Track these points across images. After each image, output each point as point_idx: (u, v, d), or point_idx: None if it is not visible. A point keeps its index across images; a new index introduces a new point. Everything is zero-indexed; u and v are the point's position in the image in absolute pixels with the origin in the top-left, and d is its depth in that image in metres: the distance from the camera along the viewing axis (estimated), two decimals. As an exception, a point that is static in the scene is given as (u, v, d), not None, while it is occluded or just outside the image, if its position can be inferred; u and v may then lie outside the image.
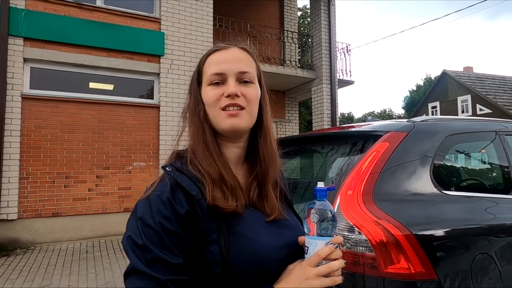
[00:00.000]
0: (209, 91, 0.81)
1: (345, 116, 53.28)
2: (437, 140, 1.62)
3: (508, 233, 1.51)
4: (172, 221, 0.71)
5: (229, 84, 0.80)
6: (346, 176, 1.48)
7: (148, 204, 0.73)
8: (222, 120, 0.80)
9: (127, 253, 0.70)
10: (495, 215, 1.53)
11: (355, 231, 1.32)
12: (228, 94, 0.79)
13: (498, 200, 1.62)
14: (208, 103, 0.81)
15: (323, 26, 8.93)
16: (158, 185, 0.77)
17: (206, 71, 0.84)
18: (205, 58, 0.86)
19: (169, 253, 0.69)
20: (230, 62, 0.82)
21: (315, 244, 0.70)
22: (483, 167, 1.90)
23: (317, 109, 8.97)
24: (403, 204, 1.41)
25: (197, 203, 0.73)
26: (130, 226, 0.73)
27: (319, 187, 0.74)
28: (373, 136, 1.63)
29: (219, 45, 0.86)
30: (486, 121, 1.98)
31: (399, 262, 1.23)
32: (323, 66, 8.81)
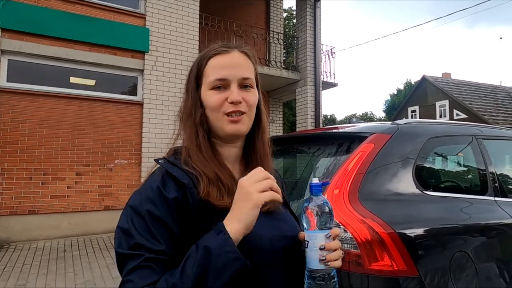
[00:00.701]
0: (211, 95, 0.82)
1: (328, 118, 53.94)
2: (419, 142, 1.67)
3: (482, 233, 1.58)
4: (159, 207, 0.72)
5: (232, 90, 0.82)
6: (333, 176, 1.51)
7: (139, 193, 0.76)
8: (225, 125, 0.82)
9: (115, 241, 0.73)
10: (470, 215, 1.60)
11: (341, 229, 1.35)
12: (232, 101, 0.81)
13: (474, 201, 1.70)
14: (211, 107, 0.83)
15: (308, 28, 9.02)
16: (149, 176, 0.80)
17: (208, 75, 0.84)
18: (206, 60, 0.85)
19: (152, 239, 0.70)
20: (232, 68, 0.83)
21: (315, 238, 0.72)
22: (461, 169, 1.99)
23: (301, 110, 9.06)
24: (387, 203, 1.46)
25: (188, 192, 0.75)
26: (121, 217, 0.75)
27: (314, 182, 0.76)
28: (358, 137, 1.67)
29: (221, 48, 0.85)
30: (464, 125, 2.06)
31: (383, 259, 1.27)
32: (308, 67, 8.90)
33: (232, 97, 0.81)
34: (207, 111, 0.83)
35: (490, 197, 1.76)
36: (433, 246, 1.40)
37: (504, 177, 1.98)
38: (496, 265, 1.55)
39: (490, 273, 1.52)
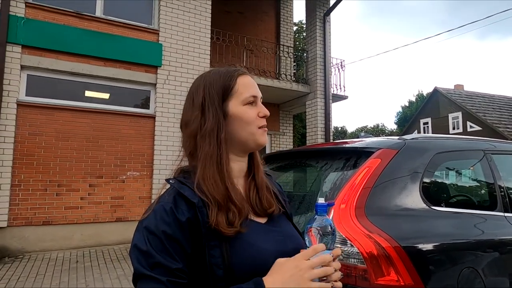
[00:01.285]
0: (248, 109, 0.88)
1: (338, 130, 53.69)
2: (427, 157, 1.69)
3: (491, 249, 1.57)
4: (174, 229, 0.76)
5: (260, 106, 0.91)
6: (340, 191, 1.53)
7: (153, 214, 0.79)
8: (260, 137, 0.90)
9: (132, 260, 0.76)
10: (479, 231, 1.59)
11: (347, 243, 1.37)
12: (265, 115, 0.90)
13: (483, 217, 1.69)
14: (248, 121, 0.88)
15: (318, 41, 9.12)
16: (161, 196, 0.83)
17: (241, 91, 0.89)
18: (235, 78, 0.90)
19: (170, 258, 0.74)
20: (256, 88, 0.92)
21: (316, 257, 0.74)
22: (470, 184, 1.98)
23: (311, 123, 9.08)
24: (393, 218, 1.47)
25: (198, 210, 0.78)
26: (136, 236, 0.78)
27: (320, 202, 0.79)
28: (365, 152, 1.70)
29: (243, 70, 0.94)
30: (474, 140, 2.07)
31: (389, 274, 1.28)
32: (318, 80, 8.96)
33: (265, 111, 0.90)
34: (237, 125, 0.87)
35: (500, 213, 1.75)
36: (440, 261, 1.40)
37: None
38: (506, 281, 1.54)
39: (500, 289, 1.51)
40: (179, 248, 0.76)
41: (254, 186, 0.93)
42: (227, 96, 0.88)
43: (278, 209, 0.94)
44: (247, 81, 0.91)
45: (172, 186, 0.83)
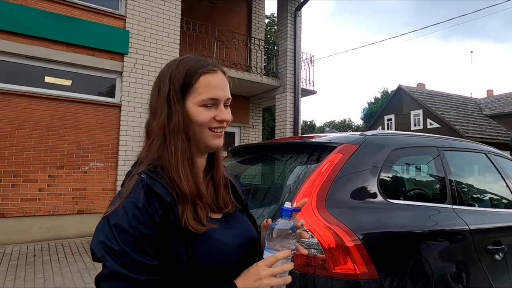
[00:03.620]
0: (202, 112, 0.85)
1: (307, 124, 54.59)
2: (385, 153, 1.78)
3: (439, 239, 1.69)
4: (148, 226, 0.75)
5: (221, 110, 0.88)
6: (303, 184, 1.58)
7: (124, 211, 0.76)
8: (210, 139, 0.88)
9: (101, 259, 0.72)
10: (430, 222, 1.71)
11: (309, 234, 1.42)
12: (223, 120, 0.87)
13: (434, 209, 1.81)
14: (199, 123, 0.86)
15: (289, 36, 9.19)
16: (131, 192, 0.79)
17: (200, 92, 0.85)
18: (197, 76, 0.86)
19: (146, 256, 0.73)
20: (222, 89, 0.88)
21: None
22: (424, 178, 2.11)
23: (280, 116, 9.18)
24: (352, 210, 1.54)
25: (171, 209, 0.78)
26: (102, 232, 0.75)
27: (286, 206, 0.82)
28: (328, 147, 1.76)
29: (210, 67, 0.88)
30: (429, 137, 2.19)
31: (346, 263, 1.35)
32: (288, 74, 9.06)
33: (223, 116, 0.87)
34: (194, 126, 0.86)
35: (449, 205, 1.88)
36: (393, 251, 1.49)
37: (461, 186, 2.12)
38: (451, 269, 1.66)
39: (446, 277, 1.63)
40: (153, 245, 0.75)
41: (212, 185, 0.94)
42: (186, 92, 0.86)
43: (234, 206, 0.96)
44: (211, 82, 0.86)
45: (142, 180, 0.80)
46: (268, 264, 0.78)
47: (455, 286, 1.65)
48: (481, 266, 1.78)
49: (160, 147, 0.85)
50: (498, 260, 1.87)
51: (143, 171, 0.83)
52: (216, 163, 0.96)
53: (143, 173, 0.82)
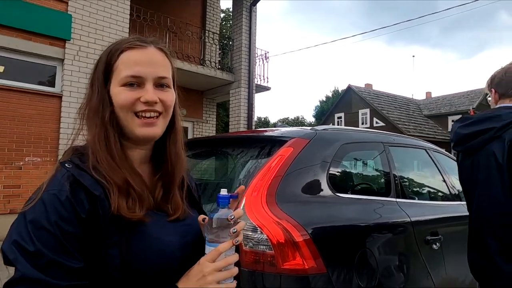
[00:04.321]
0: (122, 92, 0.76)
1: (261, 120, 55.15)
2: (334, 147, 1.79)
3: (384, 231, 1.75)
4: (73, 223, 0.65)
5: (147, 89, 0.76)
6: (253, 178, 1.54)
7: (42, 205, 0.65)
8: (136, 127, 0.76)
9: (13, 261, 0.62)
10: (376, 215, 1.76)
11: (257, 231, 1.38)
12: (147, 101, 0.75)
13: (379, 202, 1.88)
14: (120, 106, 0.76)
15: (244, 31, 9.13)
16: (52, 183, 0.69)
17: (120, 70, 0.77)
18: (118, 53, 0.78)
19: (68, 257, 0.63)
20: (148, 65, 0.77)
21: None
22: (370, 173, 2.18)
23: (234, 112, 9.12)
24: (302, 205, 1.53)
25: (100, 204, 0.68)
26: (16, 230, 0.64)
27: (222, 194, 0.76)
28: (279, 141, 1.73)
29: (135, 42, 0.79)
30: (375, 133, 2.27)
31: (295, 258, 1.33)
32: (242, 70, 9.01)
33: (147, 96, 0.75)
34: (117, 110, 0.76)
35: (393, 198, 1.96)
36: (341, 244, 1.51)
37: (404, 180, 2.22)
38: (394, 260, 1.73)
39: (389, 267, 1.69)
40: (78, 244, 0.65)
41: (161, 187, 0.83)
42: (108, 74, 0.78)
43: (185, 212, 0.85)
44: (131, 57, 0.77)
45: (68, 171, 0.70)
46: (211, 259, 0.72)
47: (397, 276, 1.72)
48: (421, 256, 1.88)
49: (77, 133, 0.79)
50: (435, 249, 1.98)
51: (69, 160, 0.73)
52: (167, 161, 0.84)
53: (68, 163, 0.72)
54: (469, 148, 1.49)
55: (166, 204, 0.82)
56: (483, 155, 1.41)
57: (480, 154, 1.42)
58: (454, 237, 2.11)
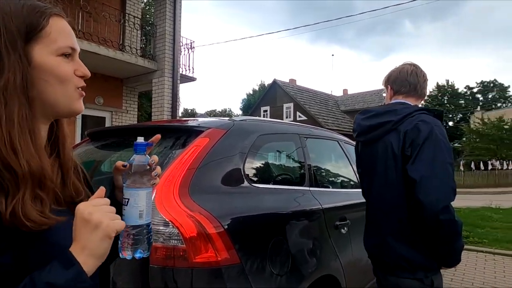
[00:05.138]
0: (62, 64, 0.67)
1: (188, 112, 53.87)
2: (251, 138, 1.80)
3: (297, 219, 1.82)
4: None
5: (79, 63, 0.71)
6: (164, 170, 1.46)
7: None
8: (76, 102, 0.71)
9: None
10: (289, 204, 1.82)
11: (169, 225, 1.31)
12: (84, 75, 0.71)
13: (294, 191, 1.95)
14: (62, 78, 0.67)
15: (168, 17, 8.73)
16: None
17: (54, 38, 0.66)
18: (47, 16, 0.66)
19: None
20: (75, 39, 0.72)
21: (137, 195, 0.71)
22: (285, 163, 2.25)
23: (158, 102, 8.71)
24: (217, 196, 1.51)
25: None
26: None
27: (139, 141, 0.75)
28: (195, 131, 1.68)
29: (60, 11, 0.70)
30: (292, 125, 2.35)
31: (207, 251, 1.30)
32: (166, 58, 8.62)
33: (84, 71, 0.71)
34: (45, 82, 0.65)
35: (307, 187, 2.05)
36: (254, 234, 1.52)
37: (318, 170, 2.34)
38: (307, 245, 1.81)
39: (302, 252, 1.76)
40: None
41: (59, 167, 0.73)
42: (32, 37, 0.64)
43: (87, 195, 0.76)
44: (64, 26, 0.70)
45: None
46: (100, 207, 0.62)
47: (310, 260, 1.81)
48: (330, 240, 2.01)
49: None
50: (343, 233, 2.13)
51: None
52: (62, 137, 0.76)
53: None
54: (370, 139, 1.63)
55: (66, 189, 0.72)
56: (382, 145, 1.54)
57: (379, 144, 1.56)
58: (360, 221, 2.29)
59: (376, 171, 1.57)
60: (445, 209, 1.31)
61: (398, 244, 1.47)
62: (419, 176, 1.34)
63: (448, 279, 3.91)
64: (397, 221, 1.47)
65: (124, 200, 0.71)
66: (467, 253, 5.05)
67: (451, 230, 1.35)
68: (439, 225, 1.32)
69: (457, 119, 41.89)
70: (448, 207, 1.32)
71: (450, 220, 1.32)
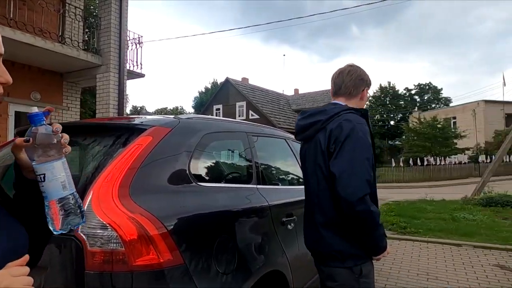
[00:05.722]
0: None
1: (137, 110, 51.80)
2: (197, 137, 1.77)
3: (244, 216, 1.83)
4: None
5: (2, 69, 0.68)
6: (103, 171, 1.39)
7: None
8: None
9: None
10: (236, 202, 1.83)
11: (107, 228, 1.25)
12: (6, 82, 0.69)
13: (241, 189, 1.96)
14: None
15: (113, 9, 8.29)
16: None
17: None
18: None
19: None
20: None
21: (53, 167, 0.68)
22: (233, 161, 2.25)
23: (103, 99, 8.25)
24: (160, 197, 1.46)
25: None
26: None
27: (34, 112, 0.70)
28: (137, 129, 1.61)
29: None
30: (240, 123, 2.36)
31: (149, 253, 1.26)
32: (111, 52, 8.19)
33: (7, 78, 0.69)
34: None
35: (254, 185, 2.07)
36: (199, 233, 1.50)
37: (265, 168, 2.38)
38: (253, 242, 1.83)
39: (249, 250, 1.78)
40: None
41: None
42: None
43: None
44: None
45: None
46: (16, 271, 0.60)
47: (257, 257, 1.83)
48: (277, 236, 2.05)
49: None
50: (290, 229, 2.19)
51: None
52: None
53: None
54: (305, 137, 1.73)
55: None
56: (313, 143, 1.64)
57: (312, 143, 1.66)
58: (305, 217, 2.37)
59: (310, 167, 1.67)
60: (360, 201, 1.38)
61: (330, 235, 1.55)
62: (339, 171, 1.44)
63: (387, 267, 4.19)
64: (328, 213, 1.56)
65: (39, 176, 0.68)
66: (405, 242, 5.46)
67: (368, 220, 1.43)
68: (357, 216, 1.41)
69: (397, 119, 45.03)
70: (363, 199, 1.39)
71: (366, 210, 1.40)
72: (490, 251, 4.85)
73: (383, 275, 3.93)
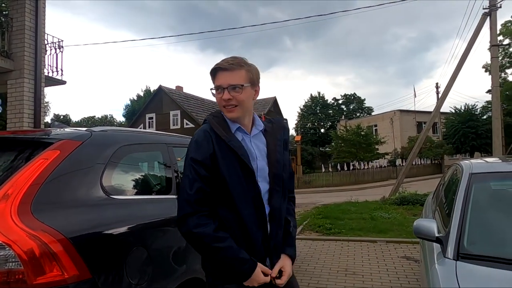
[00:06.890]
0: None
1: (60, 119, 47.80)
2: (111, 149, 1.76)
3: (161, 227, 1.86)
4: None
5: None
6: (3, 186, 1.32)
7: None
8: None
9: None
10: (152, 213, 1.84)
11: (5, 248, 1.20)
12: None
13: (159, 200, 1.98)
14: None
15: (28, 10, 7.63)
16: None
17: None
18: None
19: None
20: None
21: None
22: (151, 172, 2.26)
23: (15, 107, 7.49)
24: (67, 212, 1.43)
25: None
26: None
27: None
28: (44, 143, 1.56)
29: None
30: (160, 134, 2.37)
31: (52, 270, 1.23)
32: (26, 57, 7.51)
33: None
34: None
35: (173, 196, 2.10)
36: (110, 246, 1.49)
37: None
38: (170, 251, 1.86)
39: (166, 259, 1.80)
40: None
41: None
42: None
43: None
44: None
45: None
46: None
47: (174, 266, 1.86)
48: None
49: None
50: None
51: None
52: None
53: None
54: None
55: None
56: None
57: None
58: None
59: None
60: (179, 223, 1.25)
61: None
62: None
63: (311, 267, 4.47)
64: None
65: None
66: (329, 243, 5.86)
67: (194, 243, 1.26)
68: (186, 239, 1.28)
69: (327, 127, 47.97)
70: (181, 220, 1.24)
71: (188, 232, 1.22)
72: (399, 245, 5.45)
73: (307, 275, 4.18)
